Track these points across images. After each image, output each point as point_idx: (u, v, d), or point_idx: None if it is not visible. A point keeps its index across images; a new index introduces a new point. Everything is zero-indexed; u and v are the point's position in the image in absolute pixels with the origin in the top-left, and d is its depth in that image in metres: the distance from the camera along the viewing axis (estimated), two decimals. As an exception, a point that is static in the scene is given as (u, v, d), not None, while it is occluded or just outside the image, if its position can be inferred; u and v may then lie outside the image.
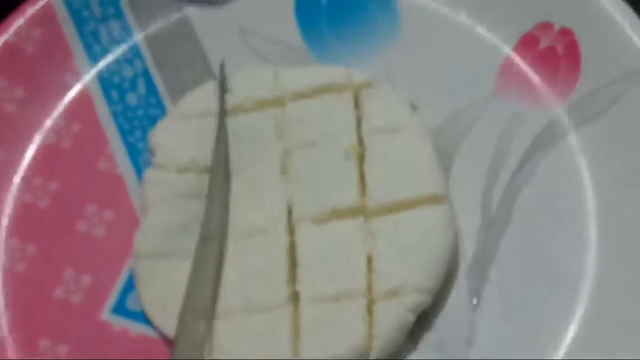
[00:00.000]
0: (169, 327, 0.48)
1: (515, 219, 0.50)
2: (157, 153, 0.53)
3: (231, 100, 0.54)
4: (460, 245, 0.50)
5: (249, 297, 0.48)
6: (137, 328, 0.50)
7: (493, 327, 0.48)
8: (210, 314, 0.48)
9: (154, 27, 0.58)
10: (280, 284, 0.48)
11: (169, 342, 0.48)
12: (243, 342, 0.47)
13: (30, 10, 0.56)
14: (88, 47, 0.57)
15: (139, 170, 0.54)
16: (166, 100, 0.57)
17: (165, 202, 0.52)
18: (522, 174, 0.51)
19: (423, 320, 0.48)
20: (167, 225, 0.51)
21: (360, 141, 0.51)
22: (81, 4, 0.57)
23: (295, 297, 0.48)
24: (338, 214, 0.49)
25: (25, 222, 0.53)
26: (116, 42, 0.58)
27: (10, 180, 0.54)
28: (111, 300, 0.51)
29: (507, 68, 0.54)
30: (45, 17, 0.57)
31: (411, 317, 0.47)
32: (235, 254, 0.50)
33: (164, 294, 0.50)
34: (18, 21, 0.56)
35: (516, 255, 0.49)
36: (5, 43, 0.56)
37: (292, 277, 0.48)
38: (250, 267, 0.49)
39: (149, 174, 0.53)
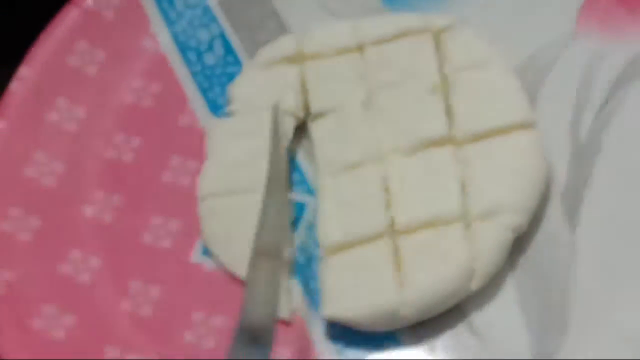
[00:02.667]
0: (238, 266, 0.48)
1: (607, 147, 0.50)
2: (232, 102, 0.53)
3: (309, 48, 0.54)
4: (552, 172, 0.49)
5: (347, 231, 0.47)
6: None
7: (592, 249, 0.47)
8: (279, 253, 0.47)
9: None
10: (378, 216, 0.48)
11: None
12: (345, 275, 0.46)
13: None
14: (164, 13, 0.58)
15: (221, 123, 0.54)
16: (244, 59, 0.57)
17: (226, 142, 0.52)
18: (610, 105, 0.51)
19: (520, 244, 0.47)
20: (229, 163, 0.51)
21: (444, 78, 0.51)
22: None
23: (393, 226, 0.47)
24: (428, 144, 0.49)
25: (110, 175, 0.53)
26: (190, 7, 0.58)
27: (93, 137, 0.54)
28: (200, 242, 0.50)
29: (589, 3, 0.54)
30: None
31: (510, 237, 0.46)
32: (331, 190, 0.49)
33: (229, 231, 0.50)
34: (91, -12, 0.57)
35: (610, 179, 0.49)
36: (86, 10, 0.56)
37: (389, 208, 0.47)
38: (346, 202, 0.49)
39: (211, 123, 0.53)
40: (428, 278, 0.45)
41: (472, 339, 0.46)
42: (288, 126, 0.53)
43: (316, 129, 0.52)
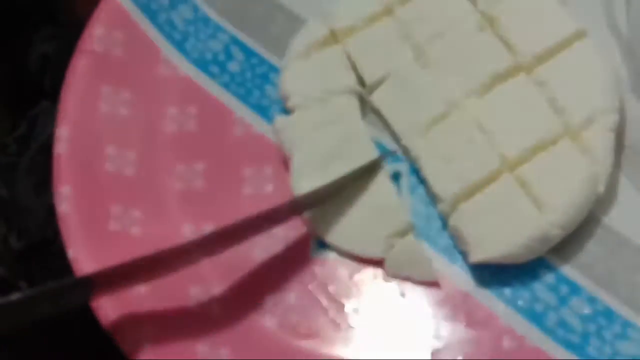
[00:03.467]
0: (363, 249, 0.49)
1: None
2: (289, 98, 0.52)
3: (340, 26, 0.53)
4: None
5: (464, 181, 0.48)
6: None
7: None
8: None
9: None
10: (487, 156, 0.48)
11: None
12: (481, 220, 0.47)
13: (104, 17, 0.55)
14: (169, 36, 0.56)
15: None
16: (268, 56, 0.56)
17: (306, 137, 0.51)
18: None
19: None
20: (318, 158, 0.51)
21: (484, 14, 0.52)
22: (146, -3, 0.56)
23: (506, 161, 0.48)
24: (499, 78, 0.50)
25: (187, 205, 0.51)
26: (192, 22, 0.57)
27: (154, 177, 0.52)
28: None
29: None
30: (121, 19, 0.55)
31: (613, 136, 0.48)
32: (426, 149, 0.50)
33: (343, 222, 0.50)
34: (97, 28, 0.54)
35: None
36: (95, 54, 0.54)
37: (493, 146, 0.48)
38: (448, 155, 0.49)
39: (280, 121, 0.53)
40: (564, 194, 0.46)
41: (611, 240, 0.47)
42: (354, 104, 0.52)
43: (378, 98, 0.52)
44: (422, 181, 0.50)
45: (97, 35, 0.54)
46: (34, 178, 0.58)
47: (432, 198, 0.49)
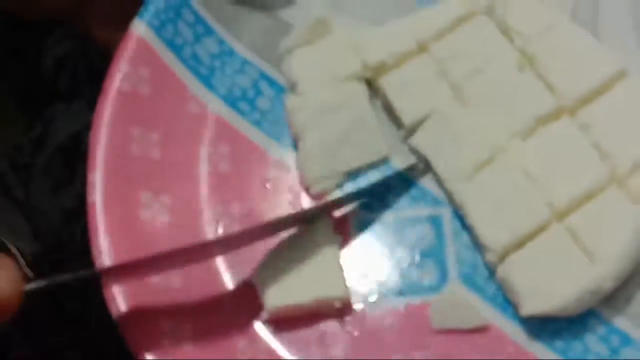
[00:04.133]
0: None
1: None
2: (298, 84, 0.53)
3: (370, 59, 0.53)
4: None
5: (513, 229, 0.47)
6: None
7: None
8: None
9: (247, 35, 0.56)
10: (536, 205, 0.48)
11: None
12: (531, 270, 0.47)
13: (128, 53, 0.53)
14: (195, 71, 0.55)
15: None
16: (296, 90, 0.55)
17: (315, 121, 0.51)
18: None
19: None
20: (326, 142, 0.51)
21: (522, 51, 0.52)
22: (171, 32, 0.54)
23: (555, 211, 0.47)
24: (542, 120, 0.50)
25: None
26: (218, 56, 0.55)
27: (190, 224, 0.51)
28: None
29: None
30: (145, 55, 0.53)
31: (660, 181, 0.48)
32: (470, 195, 0.49)
33: None
34: (122, 66, 0.52)
35: None
36: (122, 92, 0.52)
37: (542, 193, 0.48)
38: (495, 201, 0.49)
39: (291, 100, 0.52)
40: (615, 245, 0.46)
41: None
42: (362, 91, 0.53)
43: (420, 140, 0.51)
44: (466, 227, 0.49)
45: (123, 71, 0.52)
46: (49, 180, 0.57)
47: (477, 245, 0.48)
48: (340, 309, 0.48)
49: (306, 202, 0.51)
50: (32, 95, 0.61)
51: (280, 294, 0.47)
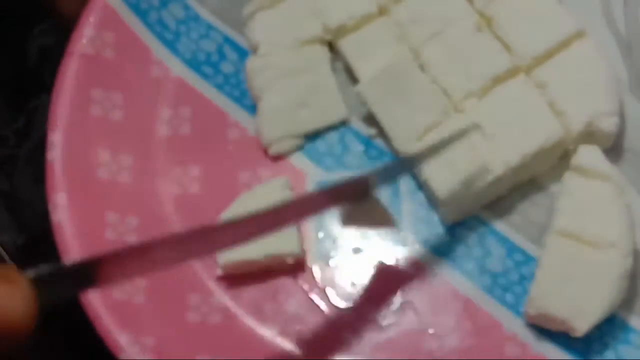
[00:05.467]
0: None
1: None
2: (259, 46, 0.53)
3: (331, 22, 0.53)
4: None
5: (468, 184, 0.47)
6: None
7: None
8: None
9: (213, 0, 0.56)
10: (490, 162, 0.48)
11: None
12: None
13: (93, 18, 0.53)
14: (161, 37, 0.55)
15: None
16: (262, 54, 0.55)
17: (275, 84, 0.52)
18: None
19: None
20: (285, 104, 0.51)
21: (481, 14, 0.52)
22: (136, -3, 0.54)
23: (509, 167, 0.48)
24: (498, 80, 0.50)
25: (187, 212, 0.50)
26: (184, 22, 0.56)
27: (151, 182, 0.51)
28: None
29: None
30: (111, 20, 0.54)
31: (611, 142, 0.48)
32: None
33: None
34: (87, 31, 0.53)
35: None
36: (86, 56, 0.52)
37: (495, 151, 0.48)
38: (449, 160, 0.48)
39: (251, 62, 0.52)
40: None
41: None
42: (324, 54, 0.53)
43: (370, 93, 0.51)
44: (421, 187, 0.49)
45: (87, 36, 0.53)
46: (34, 170, 0.57)
47: (432, 202, 0.48)
48: (294, 266, 0.48)
49: (265, 165, 0.51)
50: (17, 87, 0.61)
51: (233, 250, 0.47)
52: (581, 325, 0.43)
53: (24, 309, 0.32)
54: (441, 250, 0.48)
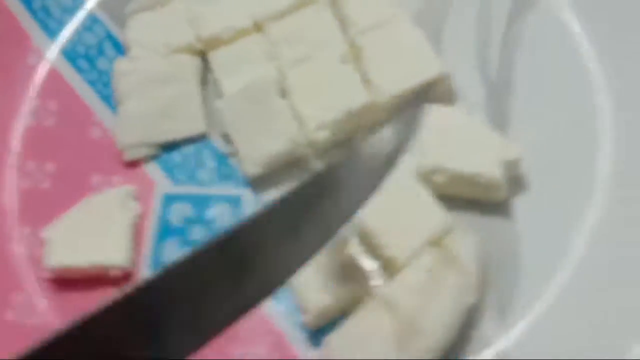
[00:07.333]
0: None
1: (517, 81, 0.51)
2: (131, 48, 0.53)
3: (204, 32, 0.52)
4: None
5: None
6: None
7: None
8: None
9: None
10: None
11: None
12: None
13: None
14: (43, 24, 0.55)
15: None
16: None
17: (138, 89, 0.51)
18: (511, 35, 0.52)
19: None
20: (145, 112, 0.51)
21: (352, 43, 0.51)
22: (23, -18, 0.54)
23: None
24: (352, 115, 0.49)
25: (31, 207, 0.50)
26: (70, 12, 0.55)
27: (4, 172, 0.51)
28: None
29: None
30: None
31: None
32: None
33: None
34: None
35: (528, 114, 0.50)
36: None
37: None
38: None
39: (119, 64, 0.52)
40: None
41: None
42: (195, 65, 0.53)
43: (228, 107, 0.51)
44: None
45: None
46: None
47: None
48: (120, 278, 0.48)
49: (118, 171, 0.51)
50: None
51: (62, 254, 0.47)
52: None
53: None
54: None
